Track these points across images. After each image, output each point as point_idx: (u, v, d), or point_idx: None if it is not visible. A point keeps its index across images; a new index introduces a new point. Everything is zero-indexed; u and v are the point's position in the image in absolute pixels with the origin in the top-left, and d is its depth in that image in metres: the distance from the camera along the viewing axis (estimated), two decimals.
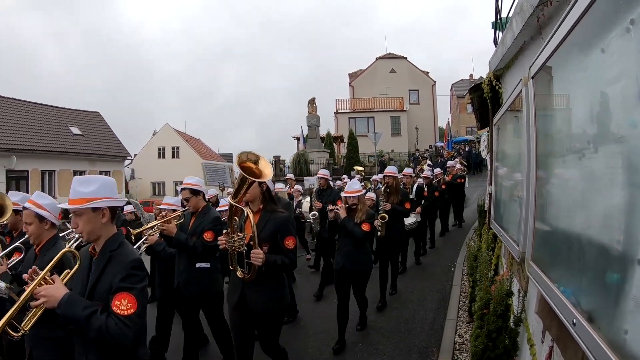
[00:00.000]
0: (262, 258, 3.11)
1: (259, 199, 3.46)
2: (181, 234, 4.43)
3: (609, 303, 1.56)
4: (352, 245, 5.11)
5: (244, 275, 3.25)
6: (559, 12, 2.46)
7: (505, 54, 4.18)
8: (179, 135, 40.62)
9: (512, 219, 3.71)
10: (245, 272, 3.26)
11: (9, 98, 24.97)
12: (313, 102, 24.79)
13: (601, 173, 1.76)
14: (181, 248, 4.46)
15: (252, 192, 3.35)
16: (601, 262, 1.68)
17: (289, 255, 3.33)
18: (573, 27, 1.86)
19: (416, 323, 5.81)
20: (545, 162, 2.58)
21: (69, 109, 29.27)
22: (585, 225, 1.90)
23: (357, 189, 5.26)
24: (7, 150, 21.48)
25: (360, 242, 5.11)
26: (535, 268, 2.51)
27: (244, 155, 3.26)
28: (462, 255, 9.04)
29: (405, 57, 38.41)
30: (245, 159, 3.25)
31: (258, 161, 3.30)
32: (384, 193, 6.80)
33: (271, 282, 3.38)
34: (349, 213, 5.17)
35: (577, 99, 2.11)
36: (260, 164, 3.29)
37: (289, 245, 3.34)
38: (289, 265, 3.37)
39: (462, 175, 13.07)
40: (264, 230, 3.31)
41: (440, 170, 12.13)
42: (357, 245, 5.11)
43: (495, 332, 3.20)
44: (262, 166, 3.28)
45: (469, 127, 37.17)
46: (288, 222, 3.40)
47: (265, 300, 3.33)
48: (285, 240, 3.33)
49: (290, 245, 3.35)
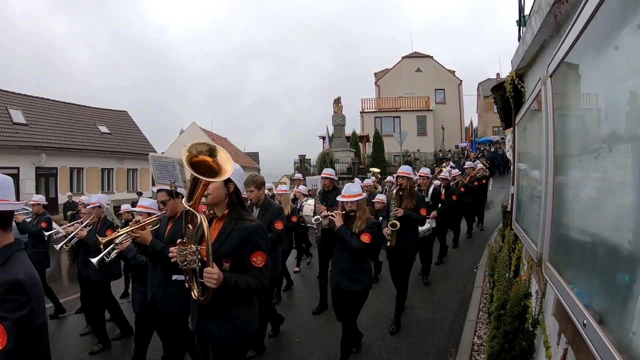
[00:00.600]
0: (217, 279, 2.47)
1: (225, 202, 2.82)
2: (157, 242, 3.97)
3: (618, 304, 1.54)
4: (349, 260, 4.40)
5: (198, 298, 2.64)
6: (575, 10, 2.42)
7: (527, 53, 4.12)
8: (206, 134, 41.08)
9: (532, 220, 3.66)
10: (199, 293, 2.63)
11: (38, 97, 25.78)
12: (338, 102, 24.81)
13: (617, 174, 1.73)
14: (157, 259, 3.99)
15: (216, 193, 2.74)
16: (611, 263, 1.66)
17: (256, 276, 2.64)
18: (587, 24, 1.84)
19: (436, 323, 5.78)
20: (562, 162, 2.55)
21: (97, 108, 30.05)
22: (597, 226, 1.87)
23: (355, 192, 4.46)
24: (37, 147, 22.08)
25: (359, 257, 4.39)
26: (552, 269, 2.48)
27: (195, 148, 2.57)
28: (485, 257, 8.92)
29: (431, 56, 38.06)
30: (195, 152, 2.56)
31: (215, 153, 2.61)
32: (396, 196, 5.81)
33: (234, 307, 2.73)
34: (346, 221, 4.45)
35: (594, 98, 2.08)
36: (219, 158, 2.61)
37: (256, 263, 2.66)
38: (255, 288, 2.64)
39: (482, 176, 12.34)
40: (226, 242, 2.70)
41: (458, 171, 11.57)
42: (355, 260, 4.40)
43: (511, 333, 3.17)
44: (221, 160, 2.61)
45: (495, 127, 36.51)
46: (257, 233, 2.71)
47: (222, 330, 2.72)
48: (252, 256, 2.66)
49: (258, 263, 2.67)
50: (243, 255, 2.67)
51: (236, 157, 41.44)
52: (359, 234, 4.28)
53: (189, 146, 2.55)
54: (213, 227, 2.78)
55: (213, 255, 2.54)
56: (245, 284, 2.59)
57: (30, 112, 23.82)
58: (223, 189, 2.76)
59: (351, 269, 4.39)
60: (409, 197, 5.76)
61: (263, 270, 2.67)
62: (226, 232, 2.74)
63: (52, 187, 23.34)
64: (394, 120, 34.64)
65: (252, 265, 2.65)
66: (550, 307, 2.97)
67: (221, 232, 2.74)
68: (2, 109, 22.26)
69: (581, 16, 1.86)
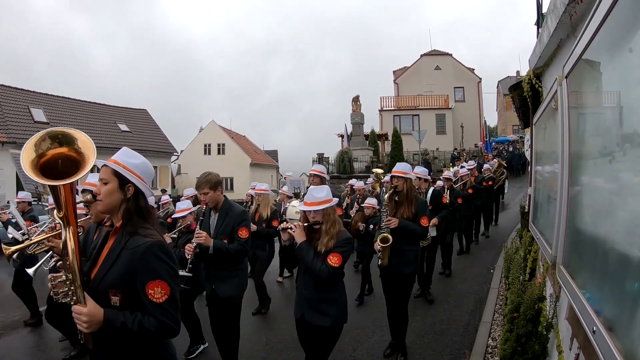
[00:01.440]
0: (88, 321, 1.81)
1: (120, 210, 2.07)
2: None
3: (628, 312, 1.52)
4: (315, 287, 3.36)
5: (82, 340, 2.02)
6: (590, 9, 2.38)
7: (543, 52, 4.06)
8: (225, 132, 41.36)
9: (548, 222, 3.60)
10: (80, 335, 2.00)
11: (59, 96, 26.43)
12: (357, 100, 24.83)
13: (632, 178, 1.70)
14: None
15: (107, 199, 2.05)
16: (623, 269, 1.63)
17: (156, 314, 1.90)
18: (600, 26, 1.81)
19: (450, 324, 5.74)
20: (578, 164, 2.51)
21: (118, 107, 30.70)
22: (611, 231, 1.84)
23: (320, 198, 3.34)
24: None
25: (326, 284, 3.33)
26: (565, 273, 2.45)
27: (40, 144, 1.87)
28: (502, 258, 8.83)
29: (450, 54, 37.68)
30: (45, 149, 1.87)
31: (71, 140, 1.92)
32: (389, 202, 4.65)
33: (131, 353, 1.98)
34: (311, 236, 3.42)
35: (610, 99, 2.04)
36: (79, 144, 1.94)
37: (154, 297, 1.90)
38: (155, 333, 1.90)
39: (490, 177, 11.57)
40: (113, 267, 1.96)
41: (466, 170, 10.27)
42: (322, 288, 3.34)
43: (524, 337, 3.14)
44: (82, 146, 1.94)
45: (515, 126, 36.03)
46: (151, 253, 1.93)
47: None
48: (147, 288, 1.90)
49: (157, 298, 1.90)
50: (136, 286, 1.92)
51: (255, 154, 41.73)
52: (326, 254, 3.24)
53: (31, 144, 1.85)
54: (107, 245, 2.10)
55: (98, 286, 1.95)
56: (138, 326, 1.87)
57: (51, 111, 24.44)
58: (117, 193, 2.05)
59: (318, 300, 3.36)
60: (406, 202, 4.61)
61: (163, 307, 1.91)
62: (114, 253, 2.00)
63: None
64: (412, 119, 34.39)
65: (150, 300, 1.91)
66: (564, 310, 2.93)
67: (108, 254, 2.03)
68: (24, 107, 22.86)
69: (594, 17, 1.83)
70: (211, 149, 40.65)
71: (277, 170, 47.24)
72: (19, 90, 23.99)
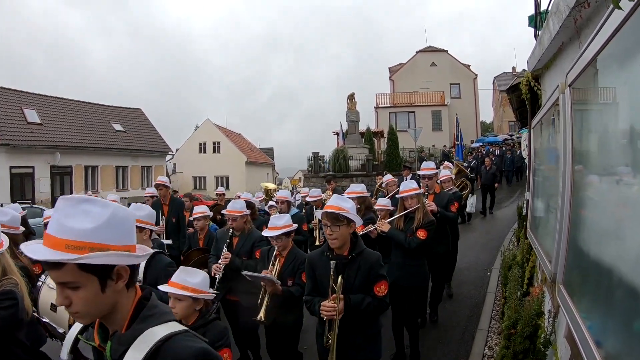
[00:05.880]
0: None
1: None
2: None
3: (634, 352, 1.40)
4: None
5: None
6: (598, 14, 2.25)
7: (543, 55, 3.93)
8: (220, 130, 41.11)
9: (547, 232, 3.49)
10: None
11: (52, 97, 26.15)
12: (352, 98, 24.64)
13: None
14: None
15: None
16: (631, 304, 1.50)
17: None
18: (610, 38, 1.67)
19: (447, 332, 5.61)
20: (581, 182, 2.38)
21: (112, 106, 30.39)
22: (616, 257, 1.71)
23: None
24: (52, 147, 22.39)
25: None
26: (565, 294, 2.33)
27: None
28: (499, 259, 8.70)
29: (446, 50, 37.52)
30: None
31: None
32: None
33: None
34: None
35: (618, 113, 1.91)
36: None
37: None
38: None
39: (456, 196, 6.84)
40: None
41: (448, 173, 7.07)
42: None
43: (521, 354, 3.03)
44: None
45: (512, 122, 35.87)
46: None
47: None
48: None
49: None
50: None
51: (251, 152, 41.53)
52: None
53: None
54: None
55: None
56: None
57: (44, 112, 24.17)
58: None
59: None
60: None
61: None
62: None
63: (67, 185, 23.74)
64: (408, 116, 34.23)
65: None
66: (562, 327, 2.81)
67: None
68: (17, 108, 22.59)
69: (603, 29, 1.70)
70: (206, 147, 40.39)
71: (273, 168, 47.05)
72: (11, 90, 23.54)
